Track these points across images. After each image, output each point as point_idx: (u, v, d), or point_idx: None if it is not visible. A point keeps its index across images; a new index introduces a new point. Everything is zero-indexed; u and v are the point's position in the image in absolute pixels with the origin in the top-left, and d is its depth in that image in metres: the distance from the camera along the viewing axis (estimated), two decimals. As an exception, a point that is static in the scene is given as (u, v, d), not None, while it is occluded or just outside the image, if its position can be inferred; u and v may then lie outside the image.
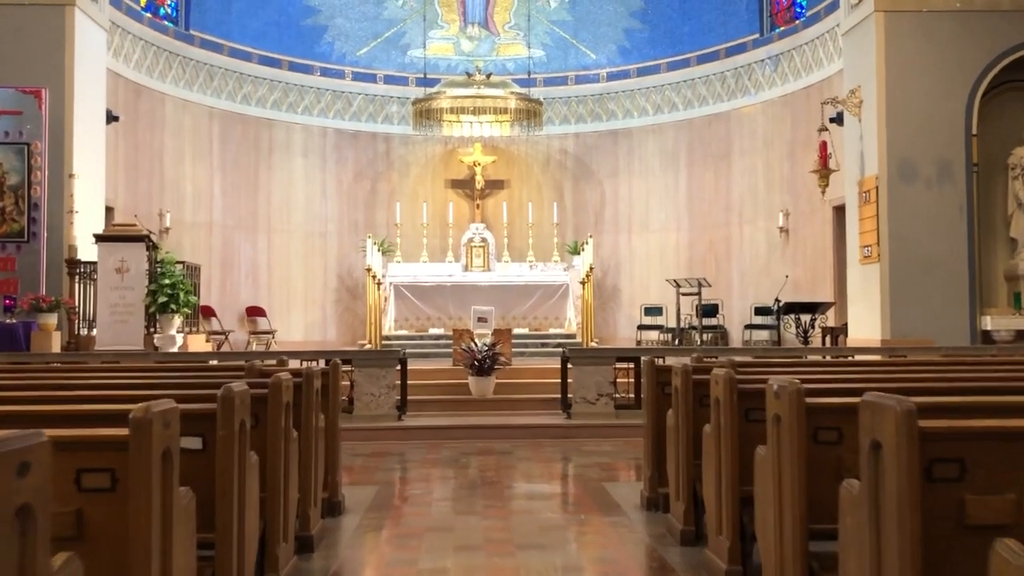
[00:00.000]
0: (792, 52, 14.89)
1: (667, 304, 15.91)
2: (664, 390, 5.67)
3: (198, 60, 15.31)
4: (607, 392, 9.38)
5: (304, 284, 16.64)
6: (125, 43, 13.80)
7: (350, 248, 16.61)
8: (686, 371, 4.79)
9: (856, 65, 11.68)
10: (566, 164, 17.67)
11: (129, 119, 13.92)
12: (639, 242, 17.07)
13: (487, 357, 10.32)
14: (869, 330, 11.29)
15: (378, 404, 9.29)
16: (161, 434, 2.48)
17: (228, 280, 15.79)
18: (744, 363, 5.77)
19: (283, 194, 16.51)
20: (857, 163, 11.59)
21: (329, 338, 16.63)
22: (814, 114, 14.23)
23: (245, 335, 15.70)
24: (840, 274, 13.73)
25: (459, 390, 10.52)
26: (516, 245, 16.99)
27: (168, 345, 10.41)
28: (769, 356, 9.25)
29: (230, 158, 15.85)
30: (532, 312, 11.67)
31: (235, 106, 15.91)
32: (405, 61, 17.52)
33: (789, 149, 14.99)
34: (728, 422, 3.98)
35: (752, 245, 15.68)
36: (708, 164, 16.35)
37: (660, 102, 16.91)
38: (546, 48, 17.65)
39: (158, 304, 10.24)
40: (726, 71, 16.06)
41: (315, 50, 16.91)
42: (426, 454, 8.16)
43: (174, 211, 14.75)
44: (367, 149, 17.30)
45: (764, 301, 15.22)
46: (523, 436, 8.95)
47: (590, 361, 9.39)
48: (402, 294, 11.56)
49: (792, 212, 14.88)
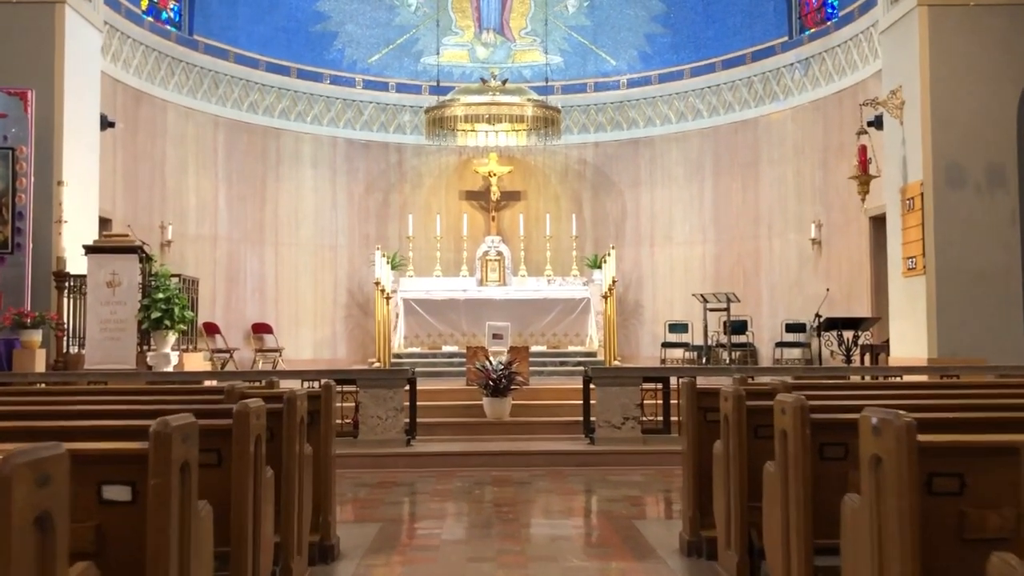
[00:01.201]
0: (823, 55, 14.14)
1: (692, 320, 15.14)
2: (706, 416, 4.93)
3: (202, 67, 14.73)
4: (634, 415, 8.61)
5: (313, 300, 15.97)
6: (124, 48, 13.22)
7: (361, 262, 15.92)
8: (738, 396, 4.04)
9: (896, 64, 10.93)
10: (585, 174, 16.96)
11: (128, 127, 13.34)
12: (662, 256, 16.31)
13: (503, 377, 9.59)
14: (913, 348, 10.48)
15: (385, 428, 8.56)
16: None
17: (233, 295, 15.14)
18: (794, 386, 5.02)
19: (291, 206, 15.87)
20: (899, 169, 10.81)
21: (339, 356, 15.94)
22: (848, 119, 13.50)
23: (251, 353, 15.03)
24: (878, 289, 12.93)
25: (473, 412, 9.79)
26: (533, 259, 16.27)
27: (162, 364, 9.73)
28: (813, 377, 8.46)
29: (236, 168, 15.23)
30: (551, 329, 10.93)
31: (241, 115, 15.31)
32: (418, 69, 16.90)
33: (821, 157, 14.21)
34: (799, 460, 3.22)
35: (782, 258, 14.89)
36: (735, 173, 15.60)
37: (683, 109, 16.19)
38: (564, 54, 16.99)
39: (151, 320, 9.57)
40: (753, 76, 15.33)
41: (325, 57, 16.32)
42: (436, 484, 7.42)
43: (176, 223, 14.13)
44: (378, 160, 16.66)
45: (796, 317, 14.42)
46: (542, 464, 8.20)
47: (615, 381, 8.63)
48: (412, 309, 10.86)
49: (825, 223, 14.09)
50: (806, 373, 8.60)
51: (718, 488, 4.42)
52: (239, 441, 3.20)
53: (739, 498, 4.03)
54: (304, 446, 4.24)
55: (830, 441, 3.27)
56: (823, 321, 10.20)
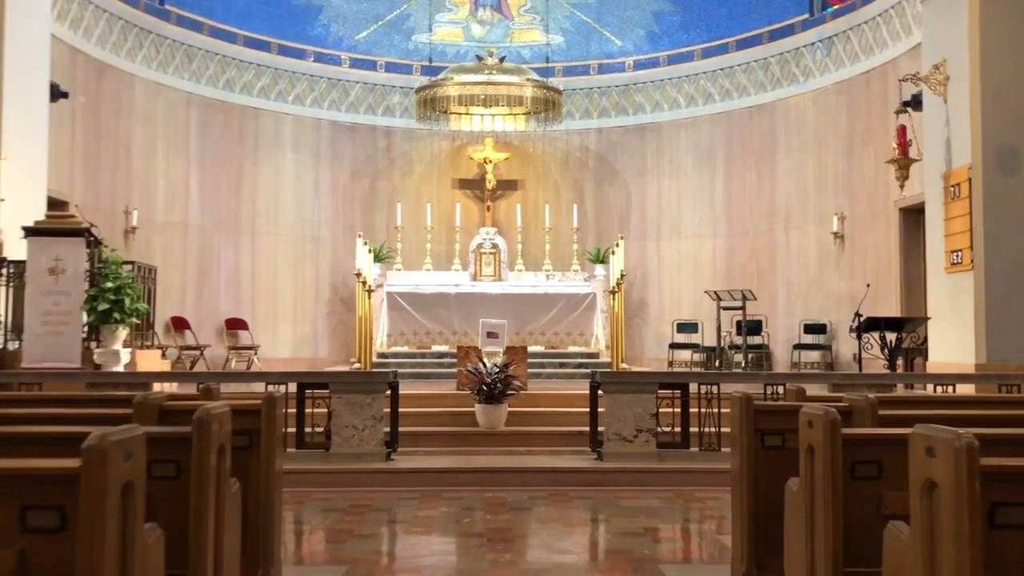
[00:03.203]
0: (848, 32, 13.02)
1: (702, 320, 14.02)
2: (763, 441, 3.80)
3: (174, 39, 13.55)
4: (648, 427, 7.48)
5: (293, 294, 14.80)
6: (85, 14, 12.03)
7: (345, 254, 14.72)
8: (831, 423, 2.89)
9: (940, 36, 9.80)
10: (587, 163, 15.82)
11: (90, 102, 12.16)
12: (670, 250, 15.17)
13: (498, 380, 8.45)
14: (956, 352, 9.35)
15: (361, 440, 7.41)
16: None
17: (205, 288, 13.97)
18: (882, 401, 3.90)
19: (270, 193, 14.70)
20: (941, 152, 9.68)
21: (321, 355, 14.78)
22: (875, 102, 12.41)
23: (224, 351, 13.87)
24: (909, 287, 11.84)
25: (463, 420, 8.65)
26: (531, 252, 15.12)
27: (111, 363, 8.56)
28: (856, 385, 7.34)
29: (210, 151, 14.05)
30: (552, 327, 9.80)
31: (217, 92, 14.13)
32: (409, 47, 15.75)
33: (845, 144, 13.09)
34: (966, 525, 2.09)
35: (801, 254, 13.76)
36: (749, 162, 14.47)
37: (694, 93, 15.06)
38: (566, 34, 15.85)
39: (97, 313, 8.40)
40: (770, 57, 14.21)
41: (309, 33, 15.15)
42: (419, 509, 6.27)
43: (143, 209, 12.95)
44: (365, 144, 15.49)
45: (815, 317, 13.32)
46: (543, 483, 7.06)
47: (627, 388, 7.50)
48: (397, 304, 9.70)
49: (849, 216, 12.97)
50: (845, 381, 7.48)
51: (793, 540, 3.29)
52: (88, 497, 2.07)
53: (831, 560, 2.89)
54: (225, 482, 3.09)
55: (1005, 499, 2.13)
56: (863, 321, 9.06)
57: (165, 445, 2.73)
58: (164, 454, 2.73)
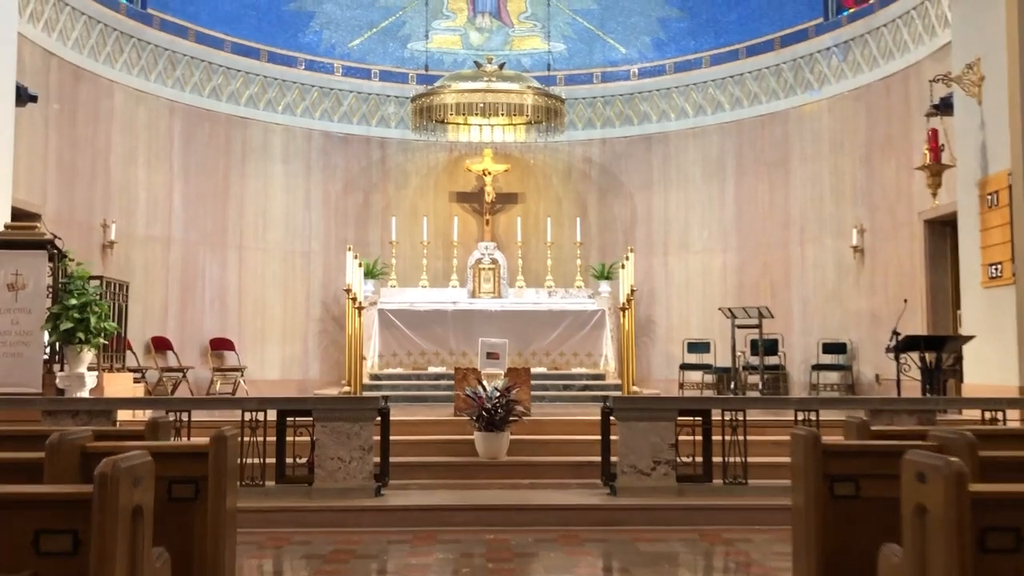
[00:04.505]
0: (866, 36, 12.38)
1: (714, 338, 13.30)
2: (833, 489, 3.07)
3: (157, 44, 12.88)
4: (667, 458, 6.74)
5: (282, 312, 14.06)
6: (61, 17, 11.37)
7: (337, 270, 13.97)
8: (954, 477, 2.15)
9: (973, 34, 9.15)
10: (590, 174, 15.14)
11: (66, 108, 11.48)
12: (677, 265, 14.46)
13: (499, 406, 7.70)
14: (995, 373, 8.65)
15: (348, 473, 6.66)
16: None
17: (189, 306, 13.23)
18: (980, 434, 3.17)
19: (258, 206, 13.99)
20: (976, 158, 9.00)
21: (311, 376, 14.03)
22: (896, 109, 11.76)
23: (209, 372, 13.11)
24: (935, 304, 11.14)
25: (461, 449, 7.90)
26: (532, 268, 14.41)
27: (75, 388, 7.82)
28: (895, 409, 6.60)
29: (194, 162, 13.35)
30: (557, 347, 9.06)
31: (202, 101, 13.45)
32: (404, 55, 15.10)
33: (864, 152, 12.42)
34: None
35: (817, 268, 13.05)
36: (761, 173, 13.79)
37: (702, 101, 14.40)
38: (568, 41, 15.21)
39: (60, 332, 7.66)
40: (782, 63, 13.55)
41: (300, 40, 14.50)
42: (410, 555, 5.52)
43: (122, 222, 12.23)
44: (359, 155, 14.81)
45: (834, 336, 12.59)
46: (550, 522, 6.31)
47: (644, 415, 6.75)
48: (390, 322, 8.97)
49: (869, 228, 12.27)
50: (884, 406, 6.75)
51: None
52: None
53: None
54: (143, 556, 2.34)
55: None
56: (902, 340, 8.32)
57: (58, 511, 2.14)
58: (56, 523, 2.12)
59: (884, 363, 11.85)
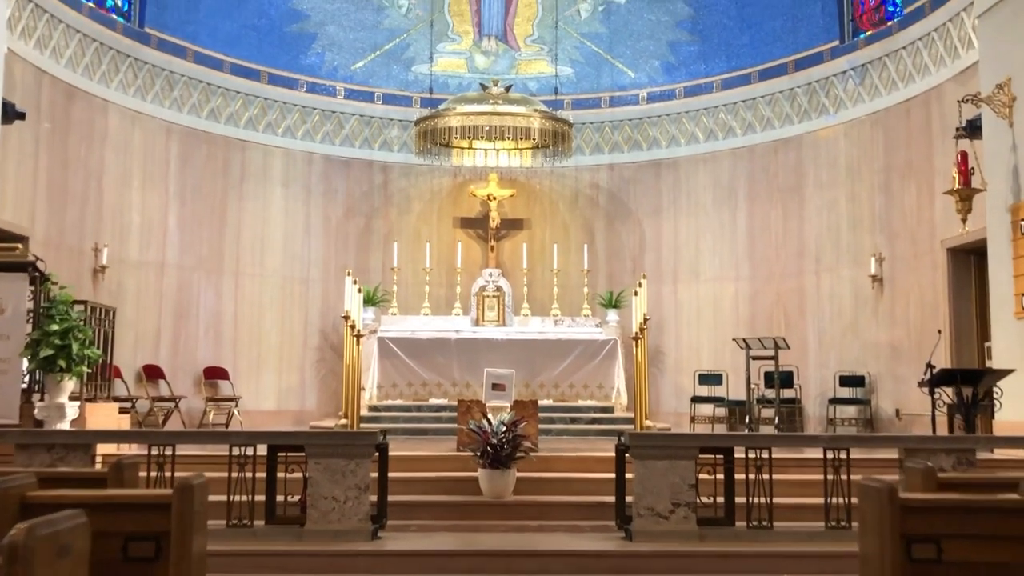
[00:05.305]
0: (884, 59, 12.01)
1: (726, 370, 12.83)
2: (911, 551, 2.60)
3: (154, 64, 12.54)
4: (687, 500, 6.24)
5: (279, 341, 13.60)
6: (55, 34, 11.02)
7: (336, 297, 13.51)
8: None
9: (1002, 52, 8.77)
10: (598, 200, 14.74)
11: (58, 128, 11.11)
12: (688, 294, 14.01)
13: (505, 441, 7.22)
14: (1029, 409, 8.17)
15: (343, 514, 6.17)
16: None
17: (183, 333, 12.77)
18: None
19: (256, 230, 13.58)
20: (1007, 182, 8.58)
21: (308, 407, 13.55)
22: (917, 133, 11.36)
23: (202, 402, 12.63)
24: (960, 335, 10.66)
25: (464, 487, 7.40)
26: (537, 296, 13.98)
27: (55, 419, 7.36)
28: (929, 447, 6.11)
29: (191, 185, 12.96)
30: (566, 378, 8.59)
31: (200, 122, 13.08)
32: (408, 78, 14.76)
33: (883, 178, 12.01)
34: None
35: (834, 299, 12.59)
36: (774, 199, 13.38)
37: (713, 126, 14.03)
38: (575, 65, 14.87)
39: (39, 359, 7.21)
40: (796, 87, 13.19)
41: (301, 61, 14.17)
42: (409, 607, 5.01)
43: (115, 246, 11.82)
44: (361, 179, 14.43)
45: (852, 368, 12.12)
46: (561, 570, 5.82)
47: (661, 453, 6.27)
48: (389, 351, 8.50)
49: (888, 257, 11.83)
50: (919, 444, 6.25)
51: None
52: None
53: None
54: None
55: None
56: (936, 374, 7.84)
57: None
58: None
59: (904, 397, 11.43)
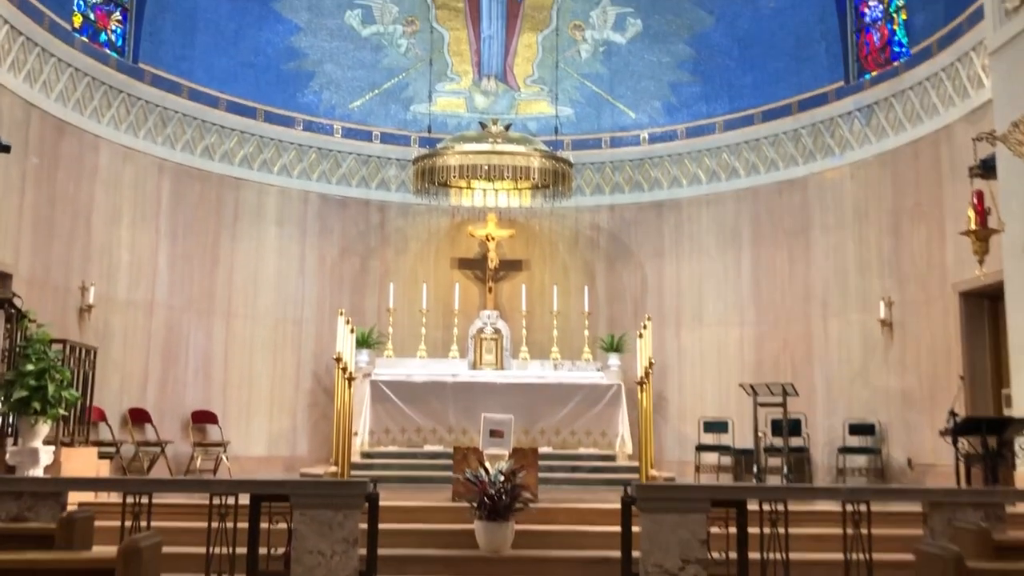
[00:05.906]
0: (891, 100, 11.81)
1: (731, 418, 12.44)
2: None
3: (148, 100, 12.31)
4: (698, 557, 5.82)
5: (270, 384, 13.21)
6: (45, 68, 10.80)
7: (330, 339, 13.11)
8: None
9: (1017, 91, 8.55)
10: (599, 242, 14.46)
11: (46, 163, 10.83)
12: (691, 339, 13.66)
13: (503, 492, 6.82)
14: (1053, 460, 7.79)
15: (329, 570, 5.75)
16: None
17: (171, 376, 12.38)
18: None
19: (249, 270, 13.26)
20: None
21: (299, 452, 13.12)
22: (926, 174, 11.12)
23: (189, 447, 12.19)
24: (974, 381, 10.30)
25: (460, 541, 6.99)
26: (536, 339, 13.61)
27: (27, 464, 6.95)
28: (956, 500, 5.72)
29: (183, 223, 12.66)
30: (568, 424, 8.20)
31: (193, 160, 12.82)
32: (407, 117, 14.56)
33: (891, 221, 11.73)
34: None
35: (842, 344, 12.24)
36: (779, 242, 13.09)
37: (716, 167, 13.80)
38: (575, 105, 14.69)
39: (12, 402, 6.83)
40: (800, 128, 12.98)
41: (299, 100, 13.97)
42: (398, 676, 4.58)
43: (102, 285, 11.48)
44: (357, 219, 14.15)
45: (861, 416, 11.73)
46: (564, 632, 5.38)
47: (671, 505, 5.86)
48: (382, 395, 8.13)
49: (898, 301, 11.51)
50: (946, 498, 5.86)
51: None
52: None
53: None
54: None
55: None
56: (960, 422, 7.47)
57: None
58: None
59: (916, 446, 11.04)
